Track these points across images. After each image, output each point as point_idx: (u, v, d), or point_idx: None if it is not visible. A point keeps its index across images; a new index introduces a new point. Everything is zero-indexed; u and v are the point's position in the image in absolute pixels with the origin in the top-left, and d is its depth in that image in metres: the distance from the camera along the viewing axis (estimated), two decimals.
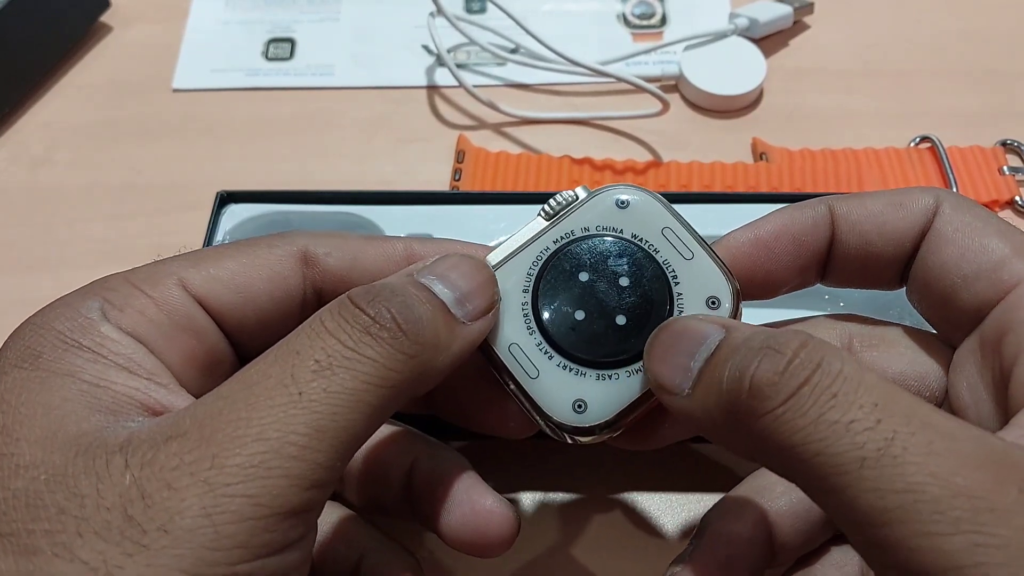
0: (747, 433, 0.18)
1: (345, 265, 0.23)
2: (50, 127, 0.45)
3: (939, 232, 0.22)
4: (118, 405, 0.19)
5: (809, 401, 0.17)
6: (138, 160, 0.43)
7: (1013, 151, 0.43)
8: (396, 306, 0.19)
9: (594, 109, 0.45)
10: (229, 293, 0.22)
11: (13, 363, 0.19)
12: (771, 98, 0.46)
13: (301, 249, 0.23)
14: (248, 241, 0.23)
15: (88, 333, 0.20)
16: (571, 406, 0.22)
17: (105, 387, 0.19)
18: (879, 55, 0.48)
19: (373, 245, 0.24)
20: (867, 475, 0.16)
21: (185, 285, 0.21)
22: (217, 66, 0.47)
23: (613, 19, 0.49)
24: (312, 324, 0.19)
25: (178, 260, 0.22)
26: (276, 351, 0.19)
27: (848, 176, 0.41)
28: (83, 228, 0.41)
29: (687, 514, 0.31)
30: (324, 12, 0.50)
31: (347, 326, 0.19)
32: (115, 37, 0.49)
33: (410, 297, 0.20)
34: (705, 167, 0.42)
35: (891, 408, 0.16)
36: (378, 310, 0.19)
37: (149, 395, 0.19)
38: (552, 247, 0.23)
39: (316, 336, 0.18)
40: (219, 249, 0.23)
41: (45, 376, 0.19)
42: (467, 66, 0.47)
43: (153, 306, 0.21)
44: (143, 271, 0.22)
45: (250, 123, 0.45)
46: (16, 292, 0.38)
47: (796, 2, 0.48)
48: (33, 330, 0.20)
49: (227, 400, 0.18)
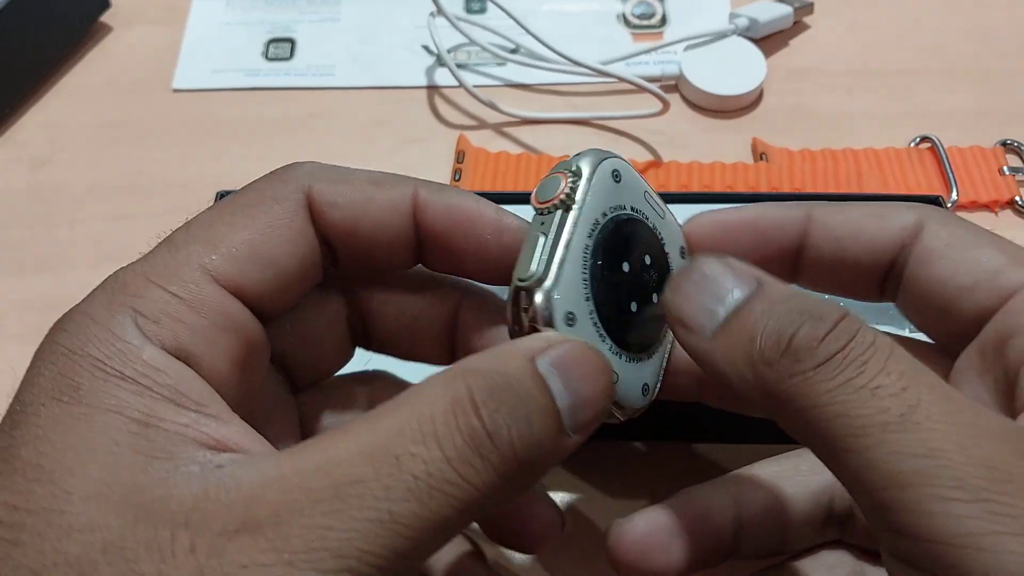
0: (768, 389, 0.18)
1: (350, 221, 0.22)
2: (50, 127, 0.45)
3: (929, 248, 0.22)
4: (172, 446, 0.17)
5: (840, 367, 0.17)
6: (138, 160, 0.43)
7: (1013, 151, 0.43)
8: (516, 425, 0.17)
9: (594, 109, 0.45)
10: (255, 270, 0.20)
11: (51, 394, 0.17)
12: (771, 98, 0.46)
13: (307, 198, 0.21)
14: (249, 198, 0.21)
15: (130, 361, 0.18)
16: (641, 392, 0.22)
17: (155, 426, 0.17)
18: (879, 55, 0.48)
19: (379, 192, 0.22)
20: (889, 438, 0.16)
21: (213, 275, 0.20)
22: (217, 66, 0.47)
23: (613, 19, 0.49)
24: (420, 419, 0.17)
25: (192, 244, 0.20)
26: (371, 444, 0.17)
27: (848, 176, 0.41)
28: (83, 228, 0.41)
29: None
30: (324, 12, 0.50)
31: (457, 437, 0.16)
32: (115, 37, 0.49)
33: (532, 408, 0.18)
34: (705, 167, 0.42)
35: (917, 379, 0.17)
36: (496, 426, 0.17)
37: (200, 430, 0.18)
38: (590, 244, 0.21)
39: (420, 441, 0.16)
40: (225, 217, 0.21)
41: (89, 413, 0.17)
42: (467, 66, 0.47)
43: (187, 310, 0.19)
44: (161, 265, 0.20)
45: (250, 123, 0.45)
46: (16, 292, 0.38)
47: (796, 2, 0.48)
48: (66, 357, 0.18)
49: (308, 496, 0.16)
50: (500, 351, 0.19)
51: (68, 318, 0.19)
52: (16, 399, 0.18)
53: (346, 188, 0.21)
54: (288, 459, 0.17)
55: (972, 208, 0.41)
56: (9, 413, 0.18)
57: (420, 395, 0.17)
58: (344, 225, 0.21)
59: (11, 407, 0.18)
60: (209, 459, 0.17)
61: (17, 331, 0.37)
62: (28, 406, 0.18)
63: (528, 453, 0.17)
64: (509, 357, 0.18)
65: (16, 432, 0.17)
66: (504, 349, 0.19)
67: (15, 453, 0.17)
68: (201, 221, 0.21)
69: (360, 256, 0.22)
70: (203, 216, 0.21)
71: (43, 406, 0.17)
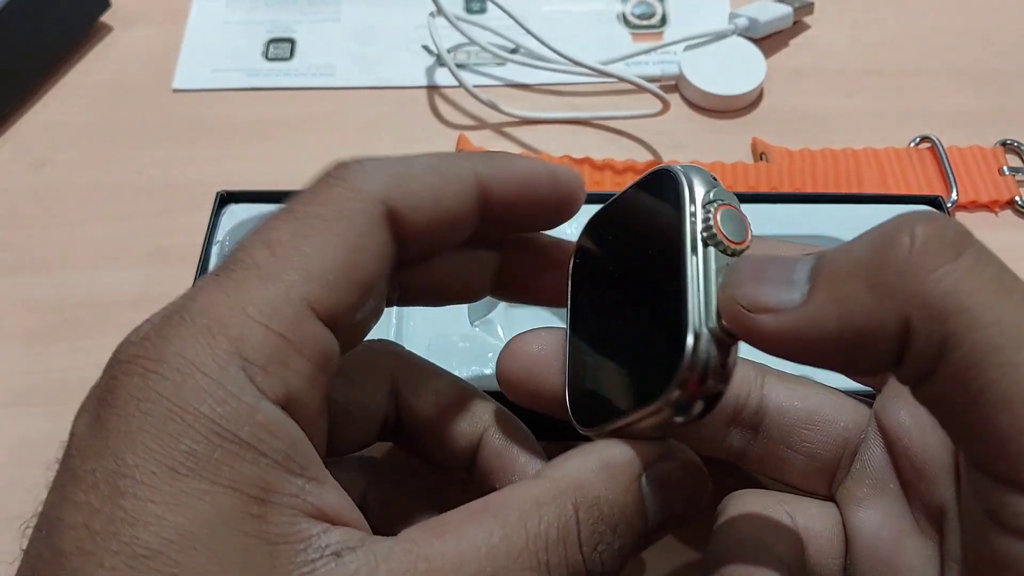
0: (909, 296, 0.15)
1: (428, 219, 0.20)
2: (50, 127, 0.45)
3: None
4: (287, 526, 0.16)
5: (985, 259, 0.15)
6: (138, 160, 0.43)
7: (1013, 151, 0.43)
8: (609, 553, 0.18)
9: (594, 109, 0.45)
10: (350, 294, 0.19)
11: (162, 462, 0.16)
12: (771, 98, 0.46)
13: (385, 206, 0.19)
14: (326, 209, 0.19)
15: (245, 422, 0.16)
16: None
17: (272, 503, 0.16)
18: (879, 55, 0.48)
19: (448, 184, 0.20)
20: None
21: (315, 309, 0.18)
22: (217, 66, 0.47)
23: (613, 19, 0.49)
24: (532, 539, 0.17)
25: (287, 272, 0.18)
26: (490, 557, 0.17)
27: (848, 176, 0.41)
28: (84, 228, 0.41)
29: None
30: (324, 12, 0.50)
31: (564, 571, 0.18)
32: (115, 37, 0.49)
33: (625, 533, 0.18)
34: (705, 167, 0.42)
35: None
36: (594, 562, 0.18)
37: (306, 500, 0.17)
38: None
39: (535, 568, 0.17)
40: (312, 237, 0.19)
41: (211, 492, 0.16)
42: (467, 66, 0.47)
43: (294, 353, 0.17)
44: (260, 298, 0.17)
45: (250, 123, 0.45)
46: (16, 292, 0.38)
47: (796, 2, 0.48)
48: (175, 416, 0.16)
49: None
50: (611, 464, 0.19)
51: (163, 361, 0.17)
52: (109, 452, 0.16)
53: (419, 187, 0.20)
54: (414, 561, 0.17)
55: (972, 208, 0.41)
56: (101, 470, 0.16)
57: (531, 510, 0.18)
58: (422, 225, 0.20)
59: (101, 463, 0.16)
60: (324, 543, 0.17)
61: (17, 331, 0.37)
62: (135, 471, 0.16)
63: (611, 568, 0.18)
64: (619, 475, 0.19)
65: (125, 503, 0.15)
66: (615, 462, 0.19)
67: (132, 534, 0.15)
68: (286, 242, 0.18)
69: (430, 248, 0.22)
70: (284, 234, 0.19)
71: (155, 475, 0.16)
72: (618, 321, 0.20)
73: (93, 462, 0.16)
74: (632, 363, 0.19)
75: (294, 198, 0.20)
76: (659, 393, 0.18)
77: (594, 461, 0.19)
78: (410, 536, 0.17)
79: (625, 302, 0.20)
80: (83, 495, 0.16)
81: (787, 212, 0.34)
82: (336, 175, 0.20)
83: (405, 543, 0.17)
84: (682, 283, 0.18)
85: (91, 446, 0.16)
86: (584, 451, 0.19)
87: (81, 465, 0.16)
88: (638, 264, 0.20)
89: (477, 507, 0.18)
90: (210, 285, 0.18)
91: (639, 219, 0.21)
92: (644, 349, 0.19)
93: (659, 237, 0.19)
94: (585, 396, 0.21)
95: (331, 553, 0.16)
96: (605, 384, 0.20)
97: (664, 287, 0.18)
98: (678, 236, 0.18)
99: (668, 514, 0.19)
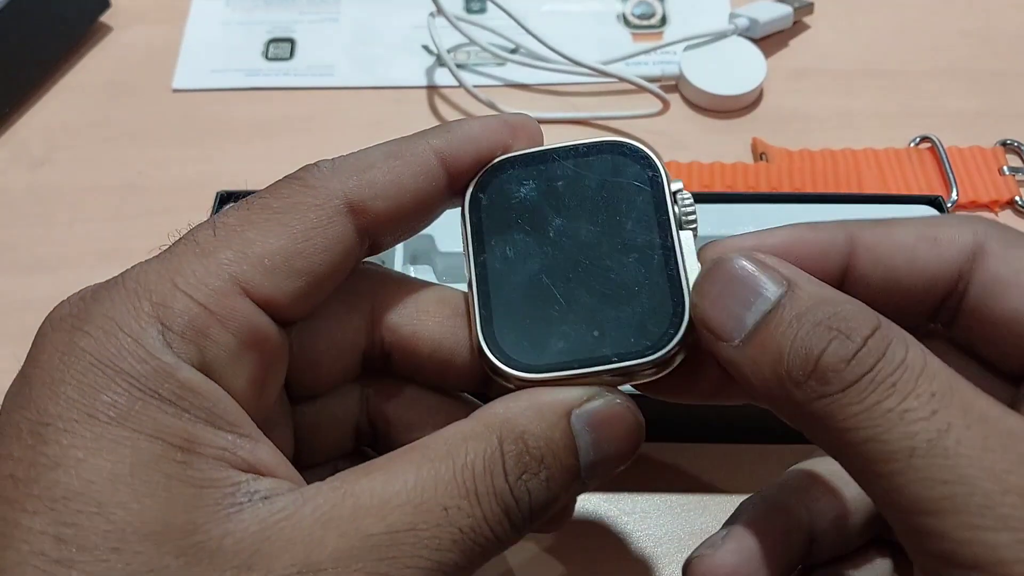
0: (796, 409, 0.18)
1: (394, 203, 0.21)
2: (50, 127, 0.45)
3: (998, 277, 0.20)
4: (215, 473, 0.17)
5: (868, 389, 0.17)
6: (138, 160, 0.43)
7: (1013, 151, 0.43)
8: (537, 489, 0.18)
9: (594, 109, 0.45)
10: (288, 281, 0.19)
11: (84, 410, 0.16)
12: (771, 98, 0.46)
13: (346, 199, 0.20)
14: (281, 203, 0.20)
15: (165, 380, 0.17)
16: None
17: (197, 453, 0.17)
18: (879, 55, 0.48)
19: (406, 167, 0.21)
20: (917, 464, 0.16)
21: (244, 288, 0.19)
22: (217, 66, 0.47)
23: (613, 19, 0.49)
24: (461, 472, 0.18)
25: (222, 250, 0.19)
26: (421, 492, 0.17)
27: (848, 176, 0.41)
28: (83, 228, 0.41)
29: (687, 514, 0.31)
30: (324, 12, 0.50)
31: (492, 500, 0.18)
32: (115, 37, 0.49)
33: (554, 469, 0.19)
34: (705, 167, 0.42)
35: (949, 399, 0.16)
36: (521, 492, 0.18)
37: (236, 454, 0.17)
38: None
39: (464, 496, 0.18)
40: (258, 223, 0.19)
41: (133, 438, 0.16)
42: (467, 66, 0.47)
43: (218, 326, 0.18)
44: (189, 271, 0.18)
45: (250, 123, 0.45)
46: (16, 292, 0.38)
47: (796, 2, 0.48)
48: (96, 369, 0.17)
49: (367, 542, 0.17)
50: (538, 401, 0.19)
51: (89, 320, 0.17)
52: (31, 403, 0.17)
53: (378, 175, 0.20)
54: (341, 497, 0.17)
55: (972, 208, 0.41)
56: (24, 421, 0.16)
57: (458, 444, 0.18)
58: (389, 211, 0.21)
59: (23, 414, 0.16)
60: (253, 488, 0.17)
61: (17, 331, 0.37)
62: (57, 420, 0.16)
63: (543, 507, 0.19)
64: (546, 411, 0.19)
65: (48, 450, 0.16)
66: (542, 400, 0.19)
67: (53, 478, 0.16)
68: (230, 225, 0.19)
69: (402, 229, 0.22)
70: (231, 219, 0.19)
71: (77, 422, 0.16)
72: (570, 272, 0.21)
73: (17, 414, 0.17)
74: (602, 320, 0.20)
75: (253, 194, 0.20)
76: (653, 352, 0.20)
77: (523, 401, 0.19)
78: (339, 476, 0.18)
79: (580, 256, 0.21)
80: (6, 447, 0.16)
81: (787, 212, 0.34)
82: (294, 174, 0.21)
83: (333, 482, 0.18)
84: (672, 258, 0.20)
85: (16, 401, 0.17)
86: (514, 396, 0.20)
87: (7, 420, 0.17)
88: (599, 223, 0.21)
89: (407, 448, 0.19)
90: (151, 259, 0.19)
91: (591, 179, 0.22)
92: (620, 307, 0.20)
93: (628, 205, 0.21)
94: (515, 343, 0.21)
95: (260, 498, 0.17)
96: (552, 334, 0.20)
97: (644, 256, 0.21)
98: (660, 213, 0.21)
99: (601, 454, 0.20)
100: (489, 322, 0.21)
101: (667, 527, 0.31)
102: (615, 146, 0.22)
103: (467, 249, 0.22)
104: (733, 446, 0.32)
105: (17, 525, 0.15)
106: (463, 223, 0.22)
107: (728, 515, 0.24)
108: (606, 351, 0.20)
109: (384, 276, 0.23)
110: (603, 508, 0.31)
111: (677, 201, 0.21)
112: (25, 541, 0.15)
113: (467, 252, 0.22)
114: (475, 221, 0.22)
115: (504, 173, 0.22)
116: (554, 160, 0.22)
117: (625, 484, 0.32)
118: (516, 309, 0.21)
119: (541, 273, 0.21)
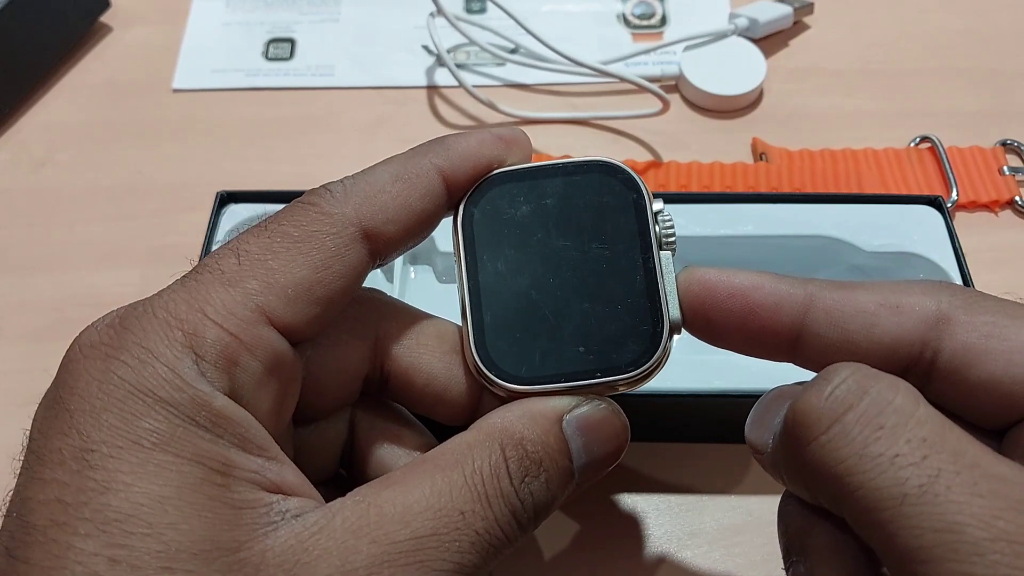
0: (800, 468, 0.18)
1: (404, 226, 0.21)
2: (50, 127, 0.45)
3: (968, 345, 0.20)
4: (249, 495, 0.18)
5: (855, 430, 0.17)
6: (138, 160, 0.43)
7: (1013, 151, 0.43)
8: (539, 490, 0.20)
9: (594, 109, 0.45)
10: (308, 309, 0.20)
11: (127, 437, 0.17)
12: (771, 98, 0.46)
13: (360, 226, 0.21)
14: (300, 231, 0.20)
15: (202, 409, 0.18)
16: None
17: (234, 476, 0.18)
18: (879, 55, 0.48)
19: (413, 189, 0.22)
20: (907, 511, 0.16)
21: (269, 317, 0.19)
22: (217, 66, 0.47)
23: (613, 19, 0.49)
24: (471, 477, 0.19)
25: (248, 280, 0.19)
26: (438, 498, 0.18)
27: (847, 176, 0.41)
28: (83, 229, 0.41)
29: (687, 514, 0.31)
30: (324, 12, 0.50)
31: (501, 503, 0.19)
32: (115, 37, 0.49)
33: (552, 472, 0.20)
34: (704, 167, 0.42)
35: (939, 445, 0.16)
36: (525, 495, 0.20)
37: (266, 477, 0.18)
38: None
39: (477, 500, 0.19)
40: (280, 253, 0.20)
41: (176, 463, 0.17)
42: (467, 66, 0.47)
43: (247, 354, 0.19)
44: (218, 301, 0.19)
45: (250, 123, 0.45)
46: (16, 292, 0.38)
47: (796, 2, 0.48)
48: (135, 397, 0.17)
49: (395, 548, 0.18)
50: (531, 410, 0.21)
51: (123, 348, 0.18)
52: (73, 430, 0.17)
53: (388, 200, 0.21)
54: (366, 509, 0.18)
55: (972, 208, 0.41)
56: (67, 447, 0.17)
57: (464, 453, 0.20)
58: (399, 234, 0.22)
59: (66, 440, 0.17)
60: (284, 507, 0.18)
61: (17, 331, 0.37)
62: (101, 446, 0.17)
63: (545, 507, 0.20)
64: (539, 418, 0.21)
65: (95, 475, 0.17)
66: (535, 408, 0.21)
67: (103, 501, 0.16)
68: (252, 254, 0.20)
69: (408, 246, 0.23)
70: (253, 247, 0.20)
71: (121, 448, 0.17)
72: (558, 291, 0.22)
73: (58, 441, 0.17)
74: (586, 335, 0.22)
75: (269, 217, 0.21)
76: (634, 368, 0.21)
77: (517, 410, 0.21)
78: (359, 491, 0.19)
79: (567, 273, 0.22)
80: (50, 472, 0.17)
81: (787, 212, 0.33)
82: (307, 200, 0.21)
83: (355, 496, 0.19)
84: (652, 278, 0.22)
85: (54, 427, 0.17)
86: (507, 406, 0.21)
87: (45, 445, 0.17)
88: (585, 241, 0.23)
89: (417, 461, 0.20)
90: (176, 285, 0.20)
91: (578, 198, 0.23)
92: (604, 325, 0.22)
93: (612, 225, 0.22)
94: (506, 355, 0.22)
95: (292, 516, 0.18)
96: (541, 349, 0.22)
97: (626, 275, 0.22)
98: (642, 233, 0.22)
99: (592, 455, 0.21)
100: (482, 335, 0.22)
101: (667, 527, 0.31)
102: (601, 166, 0.23)
103: (459, 263, 0.23)
104: (733, 446, 0.32)
105: (70, 547, 0.16)
106: (455, 237, 0.23)
107: (728, 515, 0.24)
108: (590, 366, 0.21)
109: (391, 307, 0.24)
110: (603, 508, 0.31)
111: (658, 221, 0.22)
112: (79, 563, 0.16)
113: (459, 266, 0.23)
114: (468, 236, 0.23)
115: (495, 189, 0.23)
116: (543, 177, 0.23)
117: (625, 484, 0.32)
118: (508, 323, 0.22)
119: (531, 289, 0.22)
